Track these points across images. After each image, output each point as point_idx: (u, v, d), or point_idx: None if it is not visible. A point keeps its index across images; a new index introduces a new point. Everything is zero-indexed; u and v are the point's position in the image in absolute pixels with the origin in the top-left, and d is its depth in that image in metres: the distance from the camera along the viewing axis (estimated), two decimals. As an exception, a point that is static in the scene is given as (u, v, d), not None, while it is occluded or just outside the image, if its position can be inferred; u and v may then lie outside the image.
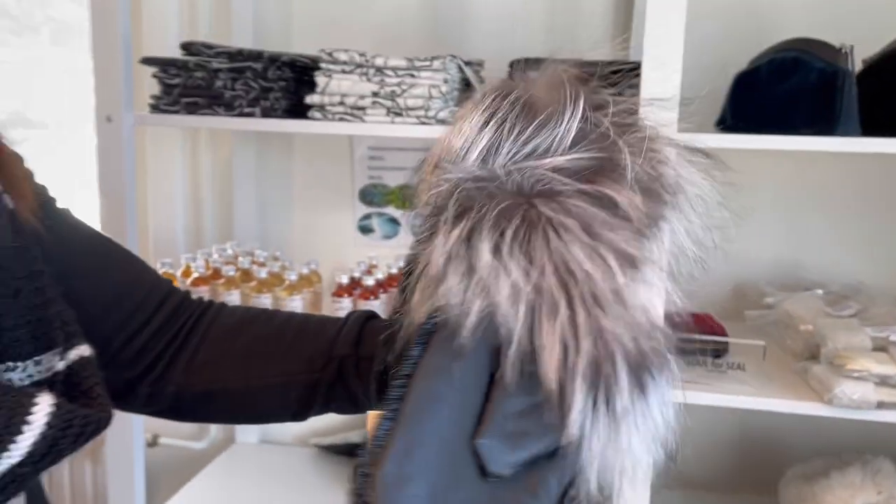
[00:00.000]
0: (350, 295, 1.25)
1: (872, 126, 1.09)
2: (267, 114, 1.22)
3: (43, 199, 0.55)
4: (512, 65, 1.19)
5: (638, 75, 1.08)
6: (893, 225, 1.45)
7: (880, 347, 1.11)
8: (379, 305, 1.24)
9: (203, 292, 1.29)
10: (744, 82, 1.19)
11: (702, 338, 1.20)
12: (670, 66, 1.05)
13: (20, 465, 0.40)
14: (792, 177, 1.48)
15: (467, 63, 1.25)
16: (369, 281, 1.25)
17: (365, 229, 1.71)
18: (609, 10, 1.49)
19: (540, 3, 1.49)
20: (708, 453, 1.58)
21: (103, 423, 0.46)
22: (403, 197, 1.67)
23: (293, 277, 1.27)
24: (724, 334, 1.26)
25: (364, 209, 1.70)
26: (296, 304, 1.25)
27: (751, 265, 1.51)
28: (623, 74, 1.02)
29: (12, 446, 0.39)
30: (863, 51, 1.18)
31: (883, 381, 1.07)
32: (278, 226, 1.68)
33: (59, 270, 0.49)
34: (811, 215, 1.48)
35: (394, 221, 1.69)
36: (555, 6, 1.49)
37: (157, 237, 1.68)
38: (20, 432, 0.40)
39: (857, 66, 1.14)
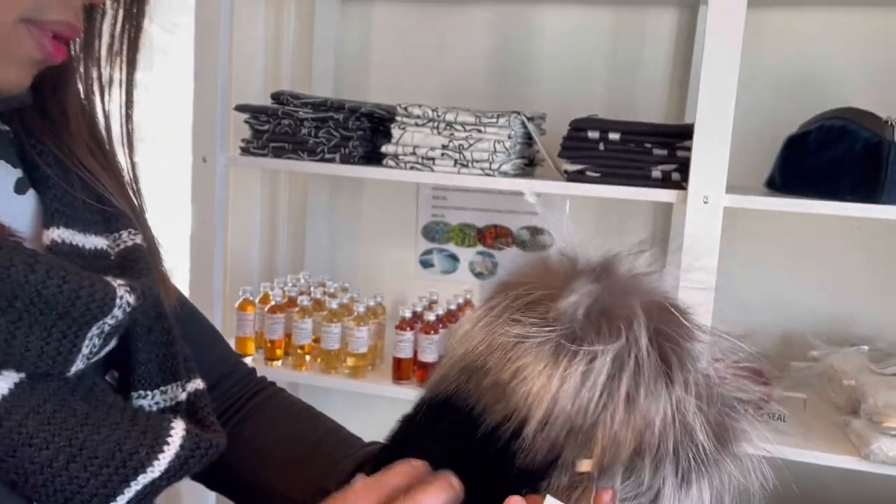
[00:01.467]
0: (412, 329, 1.34)
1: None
2: (345, 160, 1.34)
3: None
4: (572, 124, 1.28)
5: (691, 136, 1.16)
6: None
7: (921, 407, 1.15)
8: (438, 339, 1.33)
9: (279, 319, 1.41)
10: (793, 146, 1.26)
11: (747, 389, 1.25)
12: (721, 132, 1.13)
13: (158, 478, 0.47)
14: (843, 234, 1.52)
15: (530, 118, 1.35)
16: (430, 316, 1.35)
17: (426, 264, 1.81)
18: (668, 68, 1.57)
19: (601, 61, 1.59)
20: None
21: (221, 446, 0.52)
22: (462, 234, 1.77)
23: (361, 309, 1.38)
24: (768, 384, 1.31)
25: (426, 244, 1.81)
26: (362, 334, 1.36)
27: (799, 316, 1.55)
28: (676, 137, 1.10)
29: (156, 463, 0.46)
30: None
31: (921, 440, 1.10)
32: (346, 258, 1.79)
33: None
34: (861, 272, 1.52)
35: (453, 257, 1.79)
36: (615, 64, 1.58)
37: (234, 265, 1.82)
38: (162, 451, 0.47)
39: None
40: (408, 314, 1.36)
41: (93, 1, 0.47)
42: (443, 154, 1.29)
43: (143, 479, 0.46)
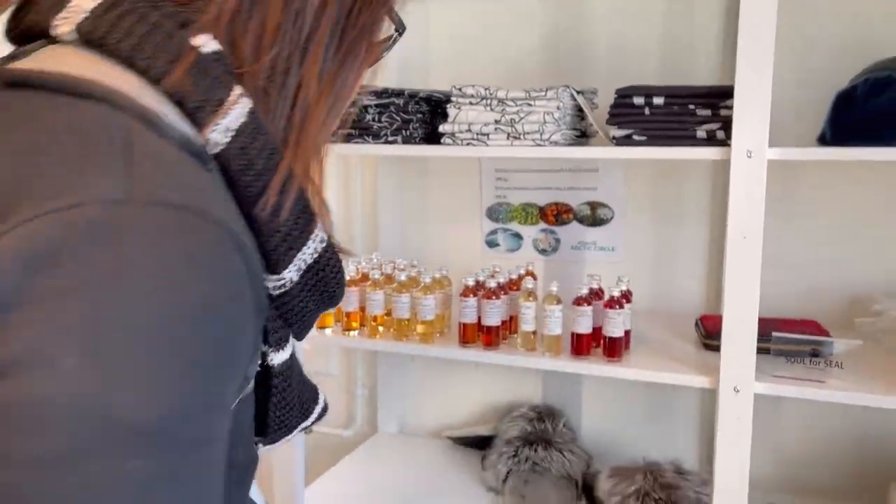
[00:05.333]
0: (475, 295, 1.43)
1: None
2: (407, 141, 1.45)
3: None
4: (618, 91, 1.34)
5: (732, 96, 1.20)
6: None
7: (983, 349, 1.15)
8: (500, 304, 1.42)
9: (353, 292, 1.53)
10: (842, 100, 1.28)
11: (800, 337, 1.27)
12: (761, 85, 1.17)
13: (310, 423, 0.60)
14: (905, 189, 1.51)
15: (580, 92, 1.42)
16: (492, 283, 1.43)
17: (491, 244, 1.90)
18: (718, 38, 1.61)
19: (653, 37, 1.64)
20: (820, 460, 1.61)
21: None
22: (525, 213, 1.85)
23: (427, 280, 1.48)
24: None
25: (491, 225, 1.90)
26: (429, 302, 1.46)
27: (866, 277, 1.55)
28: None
29: (313, 413, 0.59)
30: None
31: (982, 380, 1.10)
32: (416, 240, 1.91)
33: None
34: (927, 226, 1.51)
35: (517, 236, 1.87)
36: (666, 39, 1.63)
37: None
38: (316, 404, 0.60)
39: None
40: (471, 282, 1.45)
41: None
42: (496, 129, 1.37)
43: (305, 423, 0.59)
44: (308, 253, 0.48)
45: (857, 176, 1.55)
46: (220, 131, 0.43)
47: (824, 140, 1.30)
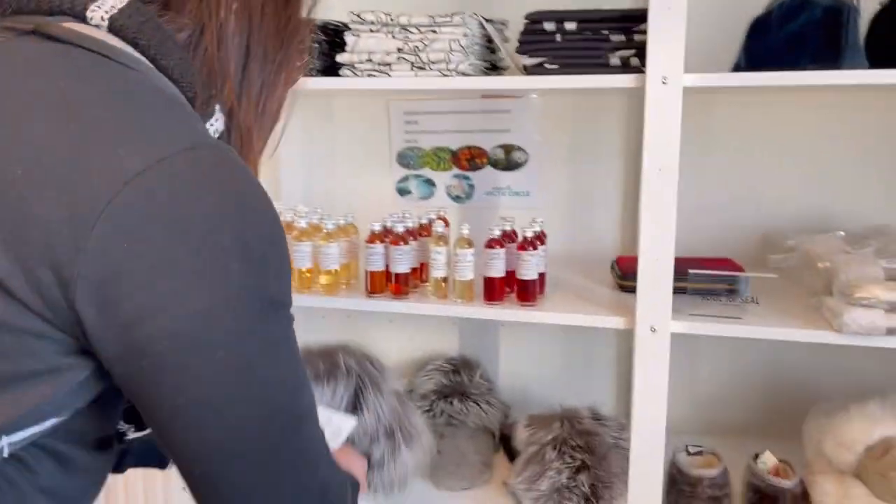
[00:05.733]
0: (382, 242, 1.33)
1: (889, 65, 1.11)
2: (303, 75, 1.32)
3: None
4: (527, 17, 1.25)
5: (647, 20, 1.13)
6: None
7: (893, 278, 1.14)
8: (409, 250, 1.33)
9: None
10: (757, 26, 1.23)
11: (714, 273, 1.24)
12: (676, 10, 1.10)
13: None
14: (816, 124, 1.50)
15: (488, 20, 1.32)
16: (400, 228, 1.34)
17: (403, 191, 1.80)
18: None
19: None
20: (736, 399, 1.61)
21: None
22: (437, 158, 1.76)
23: (331, 227, 1.37)
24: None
25: (402, 172, 1.79)
26: (332, 250, 1.35)
27: (778, 214, 1.53)
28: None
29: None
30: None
31: (893, 308, 1.09)
32: (322, 189, 1.78)
33: None
34: (835, 160, 1.50)
35: (429, 182, 1.78)
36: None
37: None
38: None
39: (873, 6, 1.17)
40: (378, 228, 1.35)
41: None
42: (399, 58, 1.26)
43: None
44: None
45: (770, 110, 1.52)
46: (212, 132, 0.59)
47: (739, 68, 1.25)
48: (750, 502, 1.28)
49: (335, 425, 1.03)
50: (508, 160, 1.71)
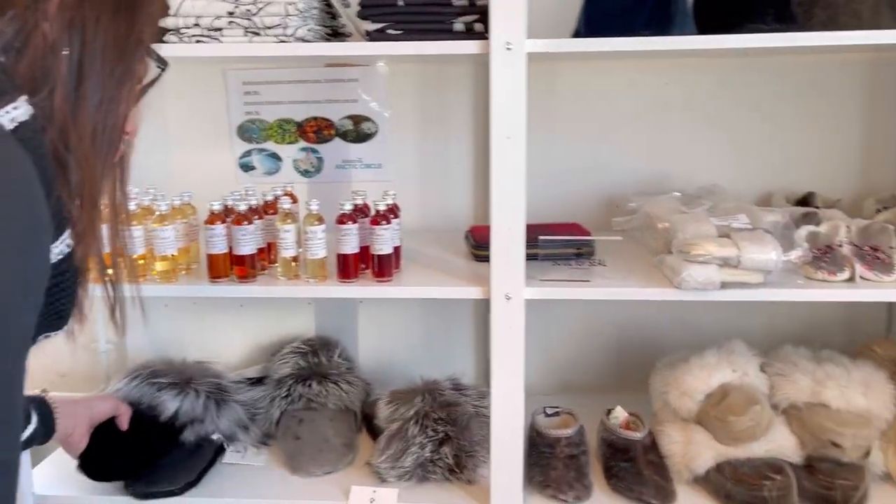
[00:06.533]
0: (223, 222, 1.24)
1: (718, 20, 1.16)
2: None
3: None
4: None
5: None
6: (742, 132, 1.56)
7: (724, 235, 1.21)
8: (253, 230, 1.24)
9: (70, 229, 1.26)
10: (594, -7, 1.24)
11: (563, 238, 1.26)
12: (517, -27, 1.08)
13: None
14: (652, 89, 1.56)
15: (326, -17, 1.25)
16: (242, 206, 1.25)
17: (246, 167, 1.69)
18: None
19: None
20: (589, 358, 1.68)
21: None
22: (282, 131, 1.66)
23: (164, 208, 1.25)
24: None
25: (244, 146, 1.69)
26: (167, 234, 1.24)
27: (622, 179, 1.59)
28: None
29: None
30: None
31: (725, 263, 1.16)
32: (154, 168, 1.64)
33: None
34: (671, 126, 1.57)
35: (274, 157, 1.69)
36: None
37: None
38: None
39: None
40: (217, 207, 1.25)
41: None
42: (230, 22, 1.17)
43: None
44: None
45: (610, 77, 1.57)
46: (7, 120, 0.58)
47: (579, 35, 1.26)
48: (604, 456, 1.34)
49: None
50: (357, 131, 1.66)
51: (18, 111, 0.58)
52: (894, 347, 1.45)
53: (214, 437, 1.37)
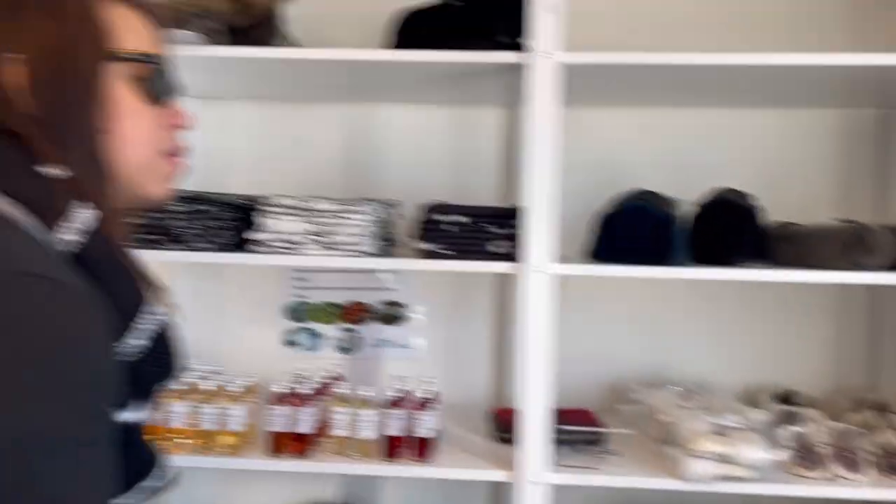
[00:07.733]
0: (286, 403, 1.42)
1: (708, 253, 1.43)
2: (223, 249, 1.43)
3: None
4: (425, 209, 1.47)
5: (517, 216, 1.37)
6: (728, 335, 1.81)
7: (719, 432, 1.41)
8: (312, 411, 1.43)
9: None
10: (607, 223, 1.52)
11: (585, 430, 1.46)
12: (547, 211, 1.36)
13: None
14: (657, 301, 1.81)
15: (388, 205, 1.52)
16: (304, 389, 1.44)
17: (290, 343, 1.90)
18: (499, 156, 1.83)
19: (444, 154, 1.82)
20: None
21: None
22: (326, 313, 1.89)
23: (235, 388, 1.44)
24: (600, 426, 1.53)
25: (289, 324, 1.90)
26: (238, 412, 1.42)
27: (625, 367, 1.81)
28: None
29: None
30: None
31: (722, 459, 1.35)
32: (211, 342, 1.83)
33: None
34: (671, 327, 1.81)
35: (316, 335, 1.89)
36: (456, 159, 1.82)
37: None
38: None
39: (689, 207, 1.50)
40: (279, 389, 1.44)
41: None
42: (312, 239, 1.41)
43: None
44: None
45: (620, 285, 1.82)
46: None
47: (595, 255, 1.52)
48: None
49: None
50: (391, 315, 1.88)
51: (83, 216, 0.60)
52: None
53: None
